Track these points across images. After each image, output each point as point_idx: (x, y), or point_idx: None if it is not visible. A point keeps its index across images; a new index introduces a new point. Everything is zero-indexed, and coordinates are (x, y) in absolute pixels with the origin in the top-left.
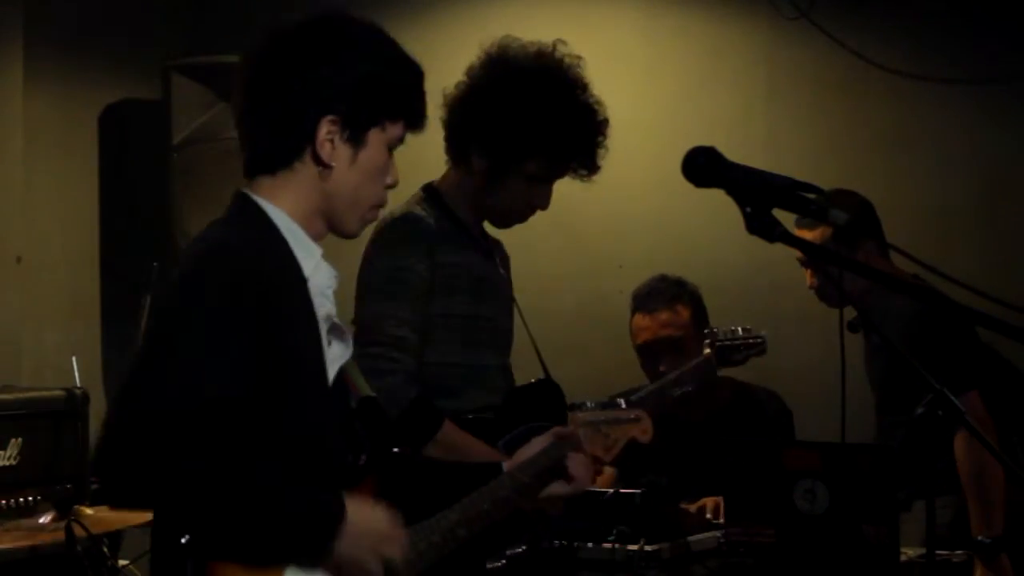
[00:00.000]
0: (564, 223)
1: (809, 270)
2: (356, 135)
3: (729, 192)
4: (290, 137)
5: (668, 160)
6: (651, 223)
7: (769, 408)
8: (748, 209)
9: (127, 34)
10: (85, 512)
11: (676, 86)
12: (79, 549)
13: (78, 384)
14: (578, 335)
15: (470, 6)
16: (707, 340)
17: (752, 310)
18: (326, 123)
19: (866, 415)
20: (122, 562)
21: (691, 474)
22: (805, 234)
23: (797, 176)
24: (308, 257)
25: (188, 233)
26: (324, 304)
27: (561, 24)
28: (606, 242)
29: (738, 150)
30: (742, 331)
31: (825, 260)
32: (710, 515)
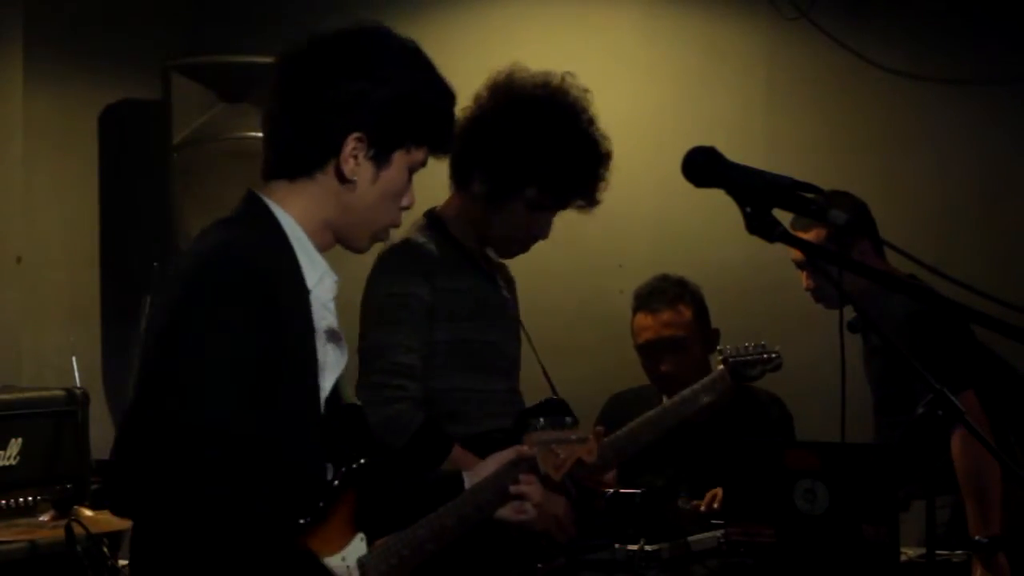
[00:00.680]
0: (564, 223)
1: (805, 272)
2: (381, 155)
3: (729, 192)
4: (316, 148)
5: (668, 160)
6: (651, 223)
7: (770, 412)
8: (748, 209)
9: (127, 34)
10: (85, 514)
11: (676, 86)
12: (79, 549)
13: (78, 384)
14: (578, 335)
15: (470, 6)
16: (720, 357)
17: (752, 310)
18: (353, 139)
19: (866, 415)
20: (122, 562)
21: (692, 474)
22: (800, 235)
23: (797, 176)
24: (312, 268)
25: (188, 233)
26: (326, 316)
27: (561, 24)
28: (606, 242)
29: (738, 150)
30: (754, 347)
31: (825, 260)
32: (717, 505)
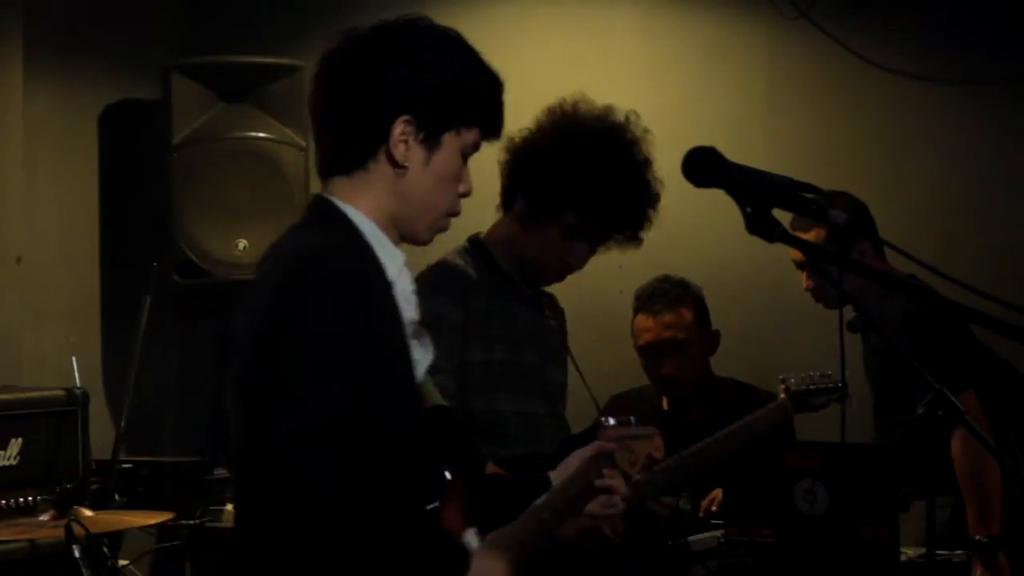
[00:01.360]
0: None
1: (805, 272)
2: (431, 137)
3: (729, 192)
4: (365, 136)
5: (668, 160)
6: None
7: None
8: (748, 209)
9: (127, 34)
10: (84, 514)
11: (676, 86)
12: (79, 549)
13: (78, 384)
14: (578, 335)
15: (471, 6)
16: (782, 386)
17: (753, 310)
18: (401, 123)
19: (866, 415)
20: (122, 562)
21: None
22: (800, 235)
23: (796, 176)
24: (391, 260)
25: (188, 233)
26: (408, 309)
27: (561, 24)
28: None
29: (738, 150)
30: (819, 376)
31: (825, 260)
32: (716, 507)
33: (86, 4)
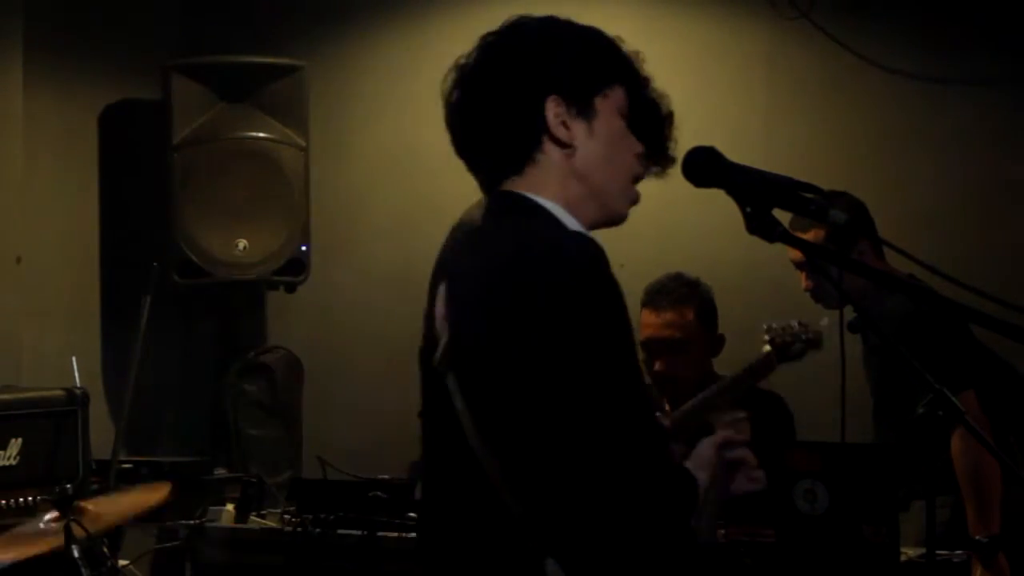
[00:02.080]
0: None
1: (804, 272)
2: (584, 107)
3: (729, 192)
4: (521, 129)
5: None
6: (652, 223)
7: (771, 411)
8: (748, 209)
9: (127, 34)
10: (86, 507)
11: (676, 86)
12: (78, 549)
13: (78, 384)
14: None
15: (471, 6)
16: (766, 337)
17: (753, 309)
18: (551, 105)
19: (866, 415)
20: (122, 562)
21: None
22: (799, 235)
23: (796, 176)
24: None
25: (188, 233)
26: None
27: None
28: (607, 242)
29: (738, 150)
30: (798, 324)
31: (825, 260)
32: None
33: (86, 4)
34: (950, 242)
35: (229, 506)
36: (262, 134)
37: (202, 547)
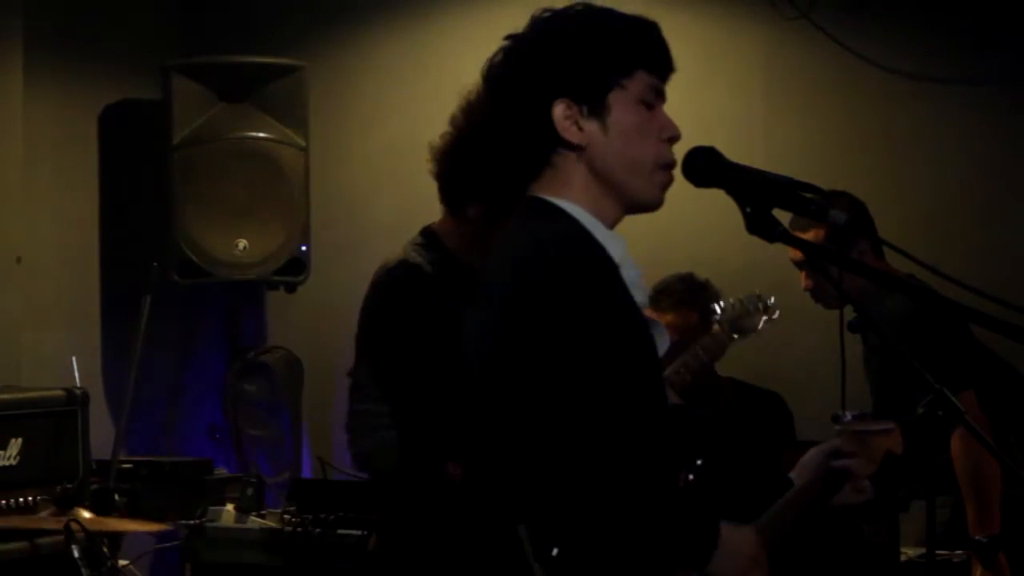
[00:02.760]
0: None
1: (804, 272)
2: (595, 106)
3: (729, 192)
4: (533, 135)
5: None
6: (651, 223)
7: (770, 410)
8: (748, 209)
9: (127, 34)
10: (83, 515)
11: (676, 86)
12: (78, 549)
13: (78, 384)
14: None
15: (472, 7)
16: (714, 318)
17: None
18: (559, 108)
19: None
20: (122, 562)
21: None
22: (799, 235)
23: (796, 176)
24: (613, 244)
25: (188, 233)
26: (638, 295)
27: None
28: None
29: (738, 150)
30: (748, 298)
31: (825, 259)
32: None
33: (86, 4)
34: (950, 242)
35: (229, 506)
36: (262, 134)
37: (202, 547)
